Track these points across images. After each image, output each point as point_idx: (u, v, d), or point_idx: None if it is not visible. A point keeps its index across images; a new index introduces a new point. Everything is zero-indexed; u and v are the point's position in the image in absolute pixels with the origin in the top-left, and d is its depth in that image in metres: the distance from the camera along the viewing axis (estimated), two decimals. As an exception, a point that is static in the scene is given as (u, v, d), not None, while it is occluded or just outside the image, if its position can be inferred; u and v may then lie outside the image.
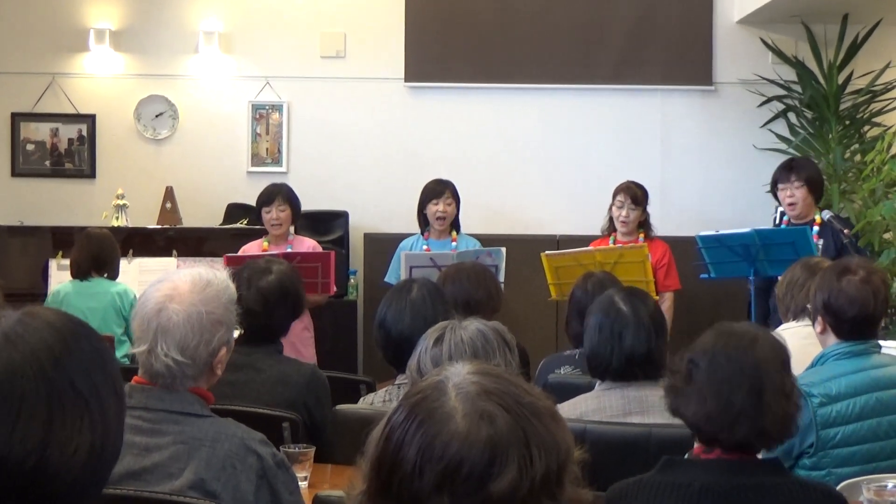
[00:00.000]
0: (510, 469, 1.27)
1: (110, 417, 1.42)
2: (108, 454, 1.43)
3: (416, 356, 2.76)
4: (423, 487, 1.28)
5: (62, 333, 1.42)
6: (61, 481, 1.36)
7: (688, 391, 2.32)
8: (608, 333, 3.14)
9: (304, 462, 3.00)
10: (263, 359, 3.58)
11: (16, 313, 1.43)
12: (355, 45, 7.37)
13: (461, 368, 1.39)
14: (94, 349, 1.45)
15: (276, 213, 5.84)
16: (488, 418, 1.30)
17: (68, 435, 1.36)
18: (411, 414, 1.33)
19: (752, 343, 2.32)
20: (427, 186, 6.10)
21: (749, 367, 2.28)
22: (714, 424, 2.28)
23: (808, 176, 5.53)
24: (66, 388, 1.37)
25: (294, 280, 3.79)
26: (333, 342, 6.34)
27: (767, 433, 2.29)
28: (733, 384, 2.27)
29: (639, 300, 3.22)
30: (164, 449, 2.31)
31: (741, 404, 2.26)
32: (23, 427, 1.33)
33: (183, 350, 2.37)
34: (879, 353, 3.25)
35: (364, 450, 1.38)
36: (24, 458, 1.33)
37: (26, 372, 1.36)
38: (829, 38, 7.11)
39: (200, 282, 2.44)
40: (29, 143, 7.35)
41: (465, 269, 4.43)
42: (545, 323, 6.52)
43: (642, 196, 5.98)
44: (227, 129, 7.35)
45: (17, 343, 1.38)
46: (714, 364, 2.30)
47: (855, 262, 3.31)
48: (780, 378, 2.30)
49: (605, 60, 7.28)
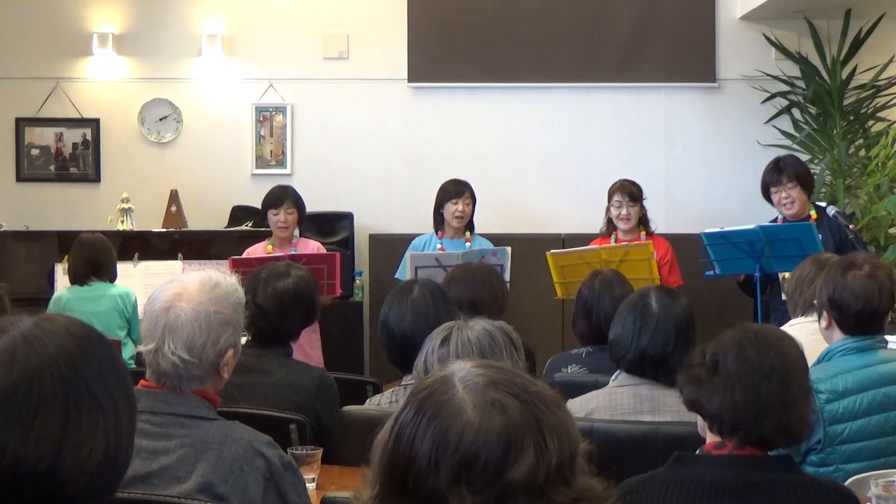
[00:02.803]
0: (527, 455, 1.27)
1: (123, 422, 1.43)
2: (121, 459, 1.44)
3: (422, 356, 2.76)
4: (439, 482, 1.27)
5: (79, 339, 1.43)
6: (74, 485, 1.36)
7: (713, 382, 2.32)
8: (631, 325, 3.21)
9: (311, 464, 3.00)
10: (272, 361, 3.58)
11: (32, 318, 1.44)
12: (358, 46, 7.37)
13: (464, 364, 1.39)
14: (109, 355, 1.46)
15: (284, 216, 5.83)
16: (500, 407, 1.30)
17: (83, 438, 1.37)
18: (420, 410, 1.33)
19: (780, 339, 2.37)
20: (445, 186, 6.10)
21: (778, 361, 2.31)
22: (741, 415, 2.28)
23: (798, 174, 5.53)
24: (83, 392, 1.39)
25: (311, 287, 3.81)
26: (339, 343, 6.34)
27: (789, 429, 2.30)
28: (763, 374, 2.29)
29: (671, 302, 3.25)
30: (172, 452, 2.31)
31: (768, 396, 2.27)
32: (39, 429, 1.34)
33: (190, 349, 2.37)
34: (886, 348, 3.25)
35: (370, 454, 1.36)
36: (38, 459, 1.33)
37: (44, 375, 1.37)
38: (833, 33, 7.10)
39: (209, 282, 2.45)
40: (33, 148, 7.36)
41: (471, 270, 4.43)
42: (551, 322, 6.52)
43: (638, 192, 5.98)
44: (230, 131, 7.36)
45: (37, 347, 1.39)
46: (743, 356, 2.32)
47: (861, 257, 3.31)
48: (803, 376, 2.34)
49: (608, 58, 7.28)
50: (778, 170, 5.57)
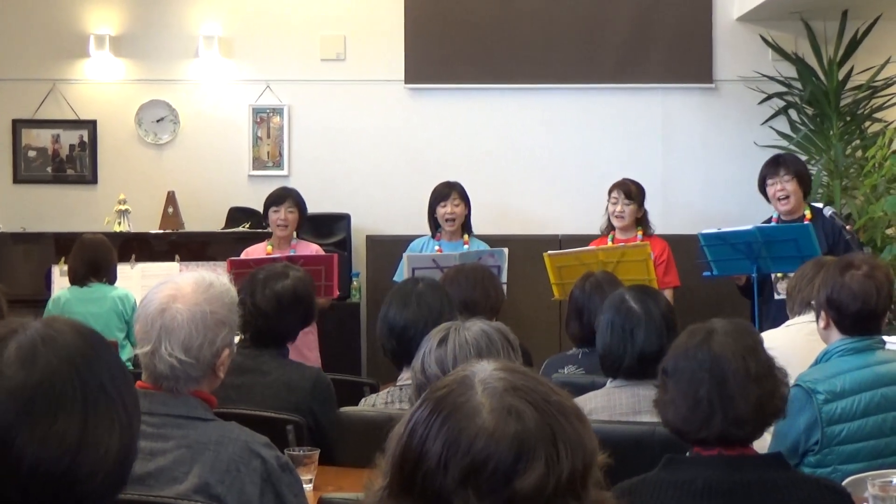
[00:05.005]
0: (537, 466, 1.26)
1: (133, 421, 1.45)
2: (131, 458, 1.45)
3: (419, 357, 2.75)
4: (447, 483, 1.27)
5: (88, 339, 1.45)
6: (91, 484, 1.37)
7: (665, 400, 2.36)
8: (620, 332, 3.17)
9: (308, 465, 3.00)
10: (269, 362, 3.59)
11: (39, 321, 1.46)
12: (355, 47, 7.37)
13: (487, 365, 1.37)
14: (114, 355, 1.48)
15: (285, 214, 5.84)
16: (516, 414, 1.28)
17: (100, 437, 1.38)
18: (436, 408, 1.31)
19: (708, 337, 2.33)
20: (435, 189, 6.12)
21: (707, 361, 2.29)
22: (690, 425, 2.30)
23: (797, 170, 5.52)
24: (98, 390, 1.40)
25: (309, 289, 3.83)
26: (336, 345, 6.33)
27: (744, 420, 2.28)
28: (695, 382, 2.29)
29: (650, 298, 3.24)
30: (169, 453, 2.31)
31: (707, 399, 2.27)
32: (61, 428, 1.35)
33: (187, 350, 2.37)
34: (884, 348, 3.25)
35: (385, 446, 1.36)
36: (59, 458, 1.34)
37: (64, 374, 1.38)
38: (829, 34, 7.10)
39: (203, 283, 2.45)
40: (30, 150, 7.36)
41: (464, 271, 4.45)
42: (548, 323, 6.52)
43: (636, 191, 5.97)
44: (228, 133, 7.35)
45: (53, 346, 1.41)
46: (677, 367, 2.34)
47: (859, 258, 3.32)
48: (743, 364, 2.29)
49: (606, 59, 7.28)
50: (776, 162, 5.56)
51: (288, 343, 3.74)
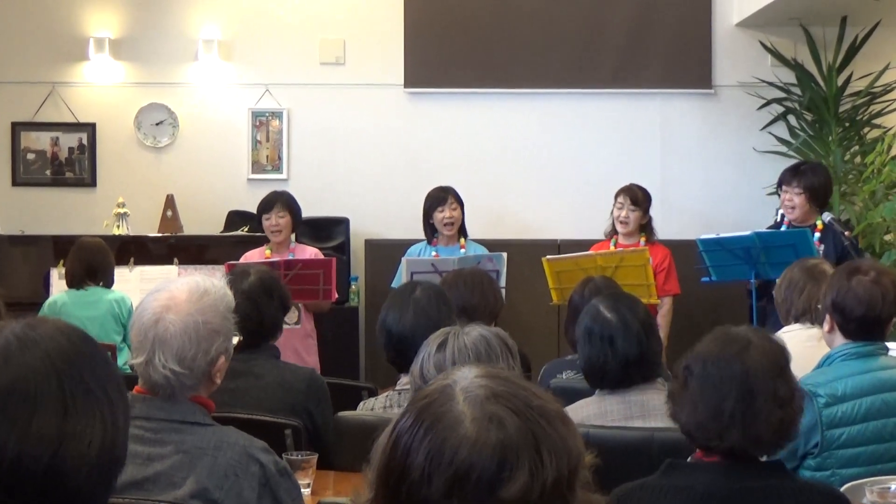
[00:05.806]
0: (521, 474, 1.25)
1: (119, 415, 1.44)
2: (117, 454, 1.45)
3: (418, 362, 2.75)
4: (431, 494, 1.26)
5: (71, 338, 1.45)
6: (74, 479, 1.37)
7: (683, 397, 2.33)
8: (598, 342, 3.15)
9: (306, 469, 3.00)
10: (262, 364, 3.58)
11: (21, 321, 1.46)
12: (355, 51, 7.37)
13: (468, 372, 1.36)
14: (99, 352, 1.48)
15: (276, 220, 5.83)
16: (497, 422, 1.27)
17: (83, 429, 1.38)
18: (419, 419, 1.31)
19: (744, 350, 2.31)
20: (430, 194, 6.12)
21: (739, 375, 2.27)
22: (705, 432, 2.28)
23: (809, 184, 5.43)
24: (79, 384, 1.40)
25: (274, 277, 3.84)
26: (335, 349, 6.33)
27: (760, 440, 2.27)
28: (722, 392, 2.27)
29: (623, 305, 3.23)
30: (167, 458, 2.31)
31: (730, 412, 2.25)
32: (39, 423, 1.36)
33: (181, 361, 2.37)
34: (887, 354, 3.25)
35: (370, 457, 1.35)
36: (40, 454, 1.35)
37: (40, 371, 1.39)
38: (828, 40, 7.11)
39: (197, 291, 2.43)
40: (29, 153, 7.36)
41: (462, 276, 4.44)
42: (547, 327, 6.52)
43: (643, 198, 5.97)
44: (227, 136, 7.36)
45: (31, 346, 1.41)
46: (705, 371, 2.30)
47: (866, 264, 3.32)
48: (773, 385, 2.28)
49: (605, 64, 7.29)
50: (794, 172, 5.52)
51: (276, 337, 3.72)
